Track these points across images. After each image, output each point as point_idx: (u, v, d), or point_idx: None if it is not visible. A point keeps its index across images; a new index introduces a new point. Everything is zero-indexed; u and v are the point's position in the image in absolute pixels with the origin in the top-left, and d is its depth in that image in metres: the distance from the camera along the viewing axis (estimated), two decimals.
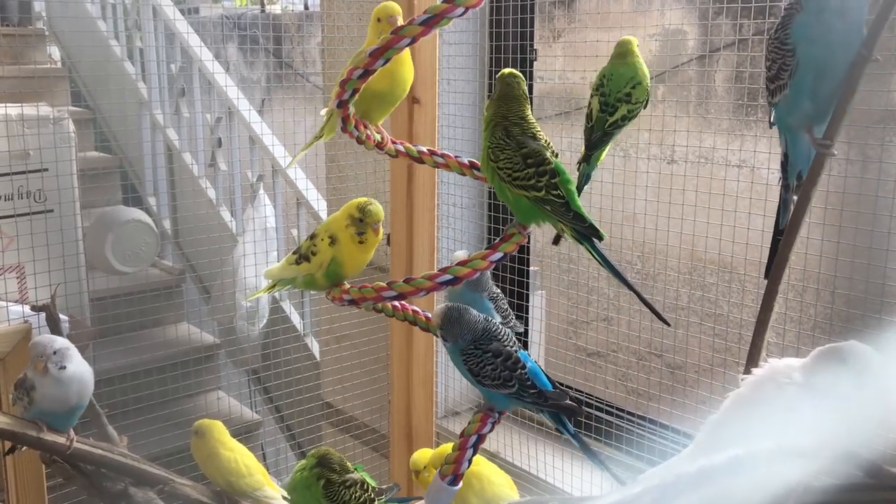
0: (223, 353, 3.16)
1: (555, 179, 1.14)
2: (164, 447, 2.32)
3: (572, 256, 2.10)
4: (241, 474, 1.60)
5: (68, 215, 2.42)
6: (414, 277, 1.21)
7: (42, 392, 1.41)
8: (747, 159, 2.00)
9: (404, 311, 1.34)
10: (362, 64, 1.12)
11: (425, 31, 1.10)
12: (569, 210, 1.14)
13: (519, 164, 1.15)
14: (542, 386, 1.21)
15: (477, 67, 2.28)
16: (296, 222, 2.99)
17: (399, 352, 1.97)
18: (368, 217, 1.25)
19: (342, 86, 1.16)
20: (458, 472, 1.25)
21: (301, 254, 1.31)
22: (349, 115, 1.23)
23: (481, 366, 1.21)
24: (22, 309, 1.97)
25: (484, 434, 1.25)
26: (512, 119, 1.17)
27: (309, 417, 2.60)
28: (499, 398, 1.23)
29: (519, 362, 1.20)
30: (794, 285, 1.68)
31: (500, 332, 1.23)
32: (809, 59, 1.09)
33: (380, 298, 1.23)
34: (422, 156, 1.33)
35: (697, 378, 1.81)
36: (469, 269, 1.19)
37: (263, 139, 3.02)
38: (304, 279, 1.31)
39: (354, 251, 1.27)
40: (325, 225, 1.31)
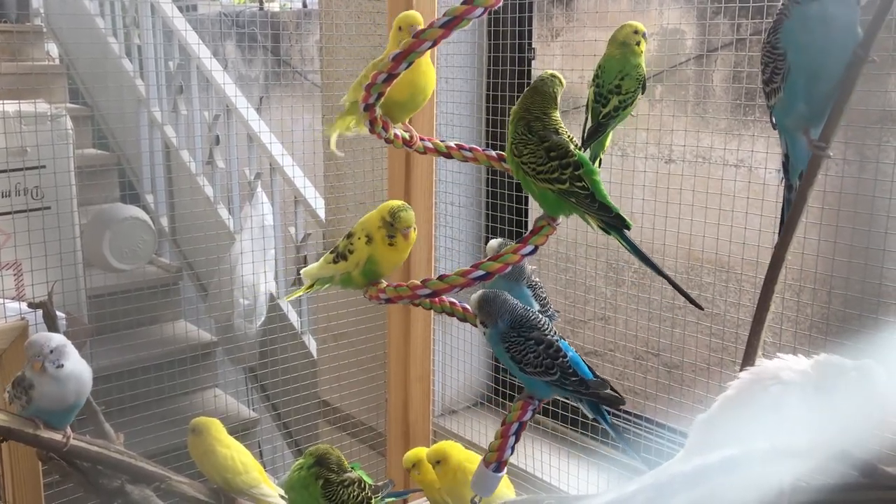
0: (220, 351, 3.16)
1: (578, 171, 1.15)
2: (160, 444, 2.32)
3: (569, 255, 2.10)
4: (238, 471, 1.60)
5: (66, 212, 2.42)
6: (447, 274, 1.23)
7: (40, 391, 1.41)
8: (745, 159, 2.00)
9: (441, 303, 1.36)
10: (386, 68, 1.15)
11: (446, 33, 1.12)
12: (594, 201, 1.15)
13: (542, 158, 1.17)
14: (584, 375, 1.22)
15: (475, 66, 2.28)
16: (293, 220, 2.99)
17: (396, 350, 1.97)
18: (398, 222, 1.27)
19: (367, 90, 1.18)
20: (502, 459, 1.27)
21: (338, 252, 1.32)
22: (376, 118, 1.25)
23: (524, 353, 1.22)
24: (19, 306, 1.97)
25: (525, 421, 1.27)
26: (534, 114, 1.19)
27: (306, 415, 2.60)
28: (540, 386, 1.24)
29: (560, 351, 1.22)
30: (790, 285, 1.68)
31: (539, 321, 1.24)
32: (800, 62, 1.09)
33: (415, 297, 1.25)
34: (450, 151, 1.35)
35: (694, 377, 1.82)
36: (501, 264, 1.21)
37: (261, 137, 3.02)
38: (342, 278, 1.33)
39: (388, 251, 1.29)
40: (361, 223, 1.33)
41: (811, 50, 1.08)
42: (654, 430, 1.95)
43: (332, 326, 2.52)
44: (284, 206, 3.10)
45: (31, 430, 1.42)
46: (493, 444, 1.28)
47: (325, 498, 1.40)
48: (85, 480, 1.49)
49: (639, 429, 1.98)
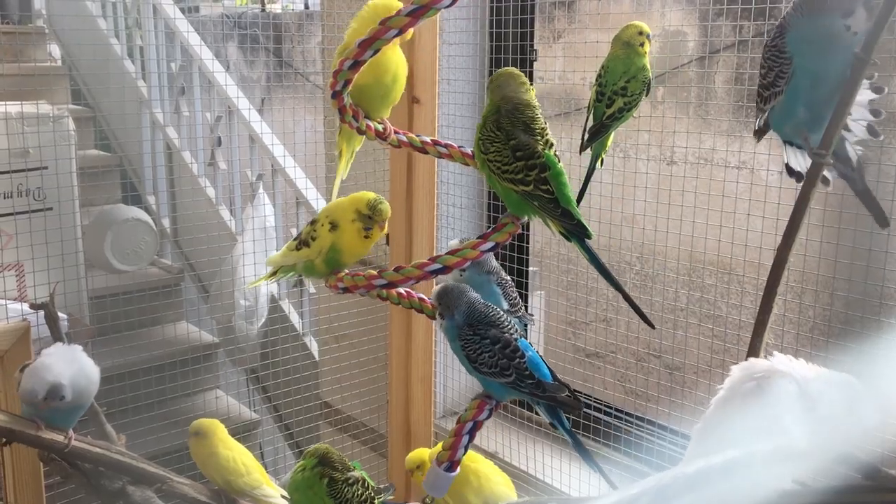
0: (222, 353, 3.16)
1: (545, 174, 1.11)
2: (162, 446, 2.32)
3: (571, 257, 2.10)
4: (240, 473, 1.60)
5: (67, 213, 2.42)
6: (404, 266, 1.21)
7: None
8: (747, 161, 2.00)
9: (409, 298, 1.33)
10: (352, 55, 1.12)
11: (412, 21, 1.10)
12: (557, 206, 1.12)
13: (508, 158, 1.13)
14: (542, 377, 1.18)
15: (477, 67, 2.28)
16: (295, 221, 2.99)
17: (398, 351, 1.97)
18: (377, 215, 1.26)
19: (334, 76, 1.15)
20: (455, 459, 1.23)
21: (301, 239, 1.31)
22: (345, 106, 1.22)
23: (478, 352, 1.18)
24: (21, 307, 1.97)
25: (480, 421, 1.23)
26: (503, 111, 1.15)
27: (307, 417, 2.60)
28: (495, 387, 1.21)
29: (518, 351, 1.18)
30: (792, 287, 1.68)
31: (499, 319, 1.21)
32: (806, 66, 1.09)
33: (370, 286, 1.22)
34: (425, 146, 1.31)
35: (696, 379, 1.82)
36: (458, 259, 1.18)
37: (263, 138, 3.02)
38: (304, 265, 1.31)
39: (355, 240, 1.27)
40: (325, 210, 1.31)
41: (817, 54, 1.08)
42: (655, 433, 1.95)
43: (334, 328, 2.52)
44: (286, 207, 3.10)
45: (32, 431, 1.42)
46: (445, 442, 1.24)
47: (330, 496, 1.40)
48: (86, 481, 1.49)
49: (640, 431, 1.98)
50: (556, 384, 1.19)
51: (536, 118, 1.14)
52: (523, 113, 1.14)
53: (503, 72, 1.18)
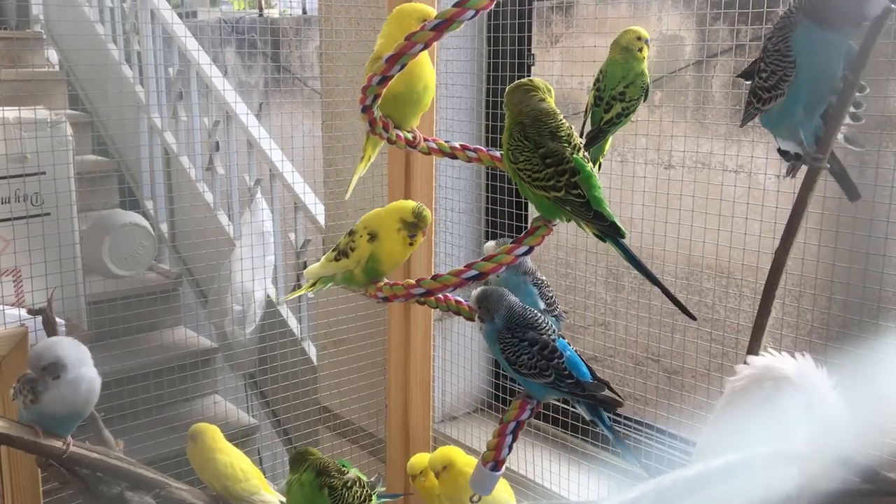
0: (220, 358, 3.16)
1: (574, 178, 1.13)
2: (160, 451, 2.31)
3: (569, 261, 2.10)
4: (238, 479, 1.60)
5: (65, 219, 2.42)
6: (441, 274, 1.24)
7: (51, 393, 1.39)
8: (745, 164, 2.00)
9: (447, 301, 1.36)
10: (380, 70, 1.16)
11: (437, 35, 1.13)
12: (589, 209, 1.13)
13: (538, 165, 1.14)
14: (581, 376, 1.20)
15: (475, 72, 2.28)
16: (293, 227, 2.99)
17: (396, 356, 1.96)
18: (423, 222, 1.29)
19: (364, 92, 1.19)
20: (499, 458, 1.26)
21: (340, 250, 1.33)
22: (375, 119, 1.25)
23: (518, 354, 1.20)
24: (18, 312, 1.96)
25: (523, 420, 1.26)
26: (528, 120, 1.16)
27: (306, 422, 2.59)
28: (536, 387, 1.23)
29: (556, 351, 1.20)
30: (790, 290, 1.68)
31: (537, 321, 1.23)
32: (809, 68, 1.10)
33: (409, 296, 1.26)
34: (454, 151, 1.35)
35: (695, 383, 1.82)
36: (494, 265, 1.20)
37: (261, 143, 3.02)
38: (343, 275, 1.33)
39: (396, 249, 1.29)
40: (363, 221, 1.33)
41: (822, 59, 1.09)
42: (654, 436, 1.95)
43: (332, 332, 2.52)
44: (284, 212, 3.10)
45: (31, 438, 1.41)
46: (490, 442, 1.28)
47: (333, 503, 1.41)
48: (84, 487, 1.49)
49: (639, 434, 1.98)
50: (595, 383, 1.21)
51: (561, 124, 1.16)
52: (545, 122, 1.16)
53: (513, 88, 1.19)
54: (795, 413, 0.84)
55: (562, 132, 1.15)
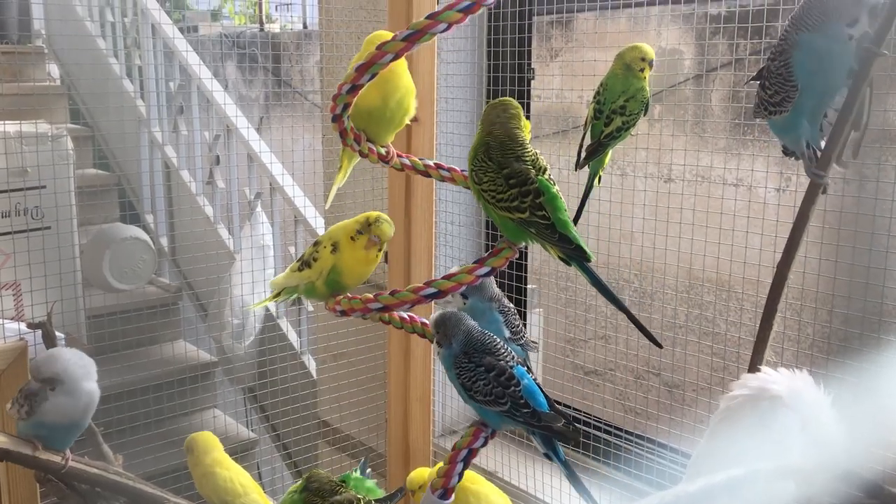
0: (220, 371, 3.15)
1: (539, 199, 1.11)
2: (159, 466, 2.31)
3: (570, 275, 2.10)
4: (237, 493, 1.59)
5: (66, 232, 2.42)
6: (399, 290, 1.21)
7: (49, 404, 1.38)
8: (744, 178, 2.01)
9: (412, 323, 1.34)
10: (349, 79, 1.14)
11: (408, 46, 1.11)
12: (554, 231, 1.11)
13: (502, 186, 1.12)
14: (537, 406, 1.17)
15: (475, 86, 2.29)
16: (293, 240, 2.99)
17: (396, 370, 1.96)
18: (375, 226, 1.25)
19: (333, 100, 1.17)
20: (448, 486, 1.23)
21: (303, 260, 1.31)
22: (345, 129, 1.23)
23: (473, 380, 1.18)
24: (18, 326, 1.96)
25: (475, 448, 1.23)
26: (494, 142, 1.15)
27: (305, 436, 2.58)
28: (490, 415, 1.20)
29: (513, 379, 1.16)
30: (791, 304, 1.68)
31: (496, 347, 1.20)
32: (812, 87, 1.11)
33: (366, 310, 1.22)
34: (428, 169, 1.32)
35: (696, 397, 1.81)
36: (454, 283, 1.17)
37: (261, 157, 3.03)
38: (306, 287, 1.31)
39: (354, 261, 1.27)
40: (329, 232, 1.31)
41: (825, 71, 1.09)
42: (655, 451, 1.94)
43: (332, 346, 2.52)
44: (284, 225, 3.10)
45: (30, 452, 1.40)
46: (440, 469, 1.24)
47: None
48: (83, 502, 1.48)
49: (640, 449, 1.97)
50: (551, 414, 1.17)
51: (526, 151, 1.14)
52: (511, 147, 1.14)
53: (496, 104, 1.18)
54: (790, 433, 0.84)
55: (527, 157, 1.13)
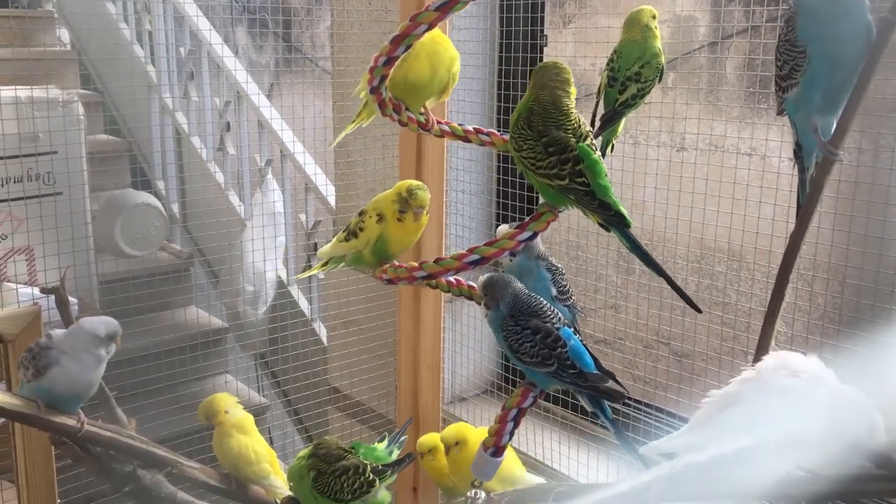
0: (231, 338, 3.18)
1: (579, 166, 1.12)
2: (171, 430, 2.33)
3: (580, 244, 2.09)
4: (249, 461, 1.60)
5: (77, 198, 2.43)
6: (443, 258, 1.23)
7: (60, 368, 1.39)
8: (758, 147, 1.99)
9: (459, 286, 1.36)
10: (385, 51, 1.15)
11: (441, 16, 1.12)
12: (594, 198, 1.12)
13: (541, 154, 1.13)
14: (584, 367, 1.19)
15: (487, 53, 2.27)
16: (304, 207, 2.99)
17: (406, 337, 1.97)
18: (413, 199, 1.27)
19: (371, 72, 1.18)
20: (500, 444, 1.27)
21: (350, 230, 1.32)
22: (384, 101, 1.24)
23: (520, 342, 1.19)
24: (32, 291, 1.98)
25: (524, 408, 1.26)
26: (538, 107, 1.15)
27: (316, 402, 2.61)
28: (538, 376, 1.22)
29: (559, 340, 1.18)
30: (803, 274, 1.67)
31: (542, 308, 1.21)
32: (821, 55, 1.08)
33: (412, 279, 1.26)
34: (468, 135, 1.33)
35: (705, 367, 1.81)
36: (496, 249, 1.19)
37: (272, 124, 3.02)
38: (353, 256, 1.33)
39: (399, 230, 1.29)
40: (374, 202, 1.33)
41: (830, 38, 1.07)
42: (663, 419, 1.95)
43: (343, 313, 2.53)
44: (295, 192, 3.10)
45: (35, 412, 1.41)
46: (491, 428, 1.28)
47: (315, 490, 1.40)
48: (97, 465, 1.50)
49: (648, 418, 1.98)
50: (598, 374, 1.19)
51: (569, 119, 1.14)
52: (553, 114, 1.14)
53: (545, 66, 1.18)
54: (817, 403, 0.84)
55: (568, 125, 1.14)
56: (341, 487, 1.38)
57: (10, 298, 1.98)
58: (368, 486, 1.40)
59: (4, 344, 1.74)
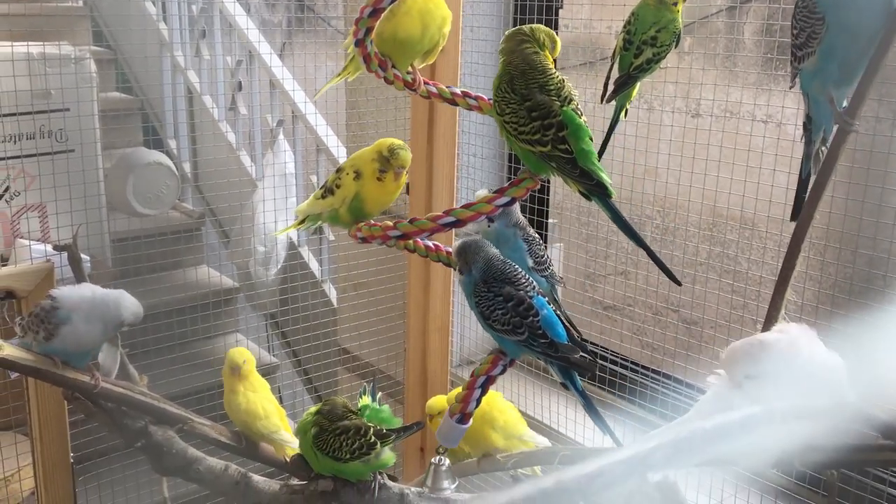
0: (242, 297, 3.19)
1: (562, 133, 1.09)
2: (183, 387, 2.36)
3: (591, 210, 2.08)
4: (258, 416, 1.62)
5: (90, 156, 2.43)
6: (418, 218, 1.21)
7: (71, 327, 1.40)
8: (774, 115, 1.97)
9: (437, 251, 1.35)
10: (371, 2, 1.13)
11: None
12: (575, 167, 1.09)
13: (524, 118, 1.10)
14: (555, 337, 1.17)
15: (501, 15, 2.24)
16: (315, 168, 2.98)
17: (416, 300, 1.98)
18: (394, 159, 1.25)
19: (356, 24, 1.16)
20: (466, 411, 1.25)
21: (326, 187, 1.31)
22: (369, 55, 1.22)
23: (491, 309, 1.18)
24: (44, 248, 1.99)
25: (493, 376, 1.25)
26: (515, 71, 1.13)
27: (325, 362, 2.63)
28: (508, 344, 1.21)
29: (532, 309, 1.16)
30: (814, 243, 1.66)
31: (516, 276, 1.19)
32: (840, 23, 1.06)
33: (386, 237, 1.24)
34: (455, 97, 1.31)
35: (714, 334, 1.81)
36: (472, 213, 1.17)
37: (284, 83, 3.00)
38: (329, 214, 1.32)
39: (376, 189, 1.27)
40: (351, 159, 1.31)
41: (849, 5, 1.05)
42: (671, 386, 1.96)
43: (353, 276, 2.54)
44: (306, 154, 3.09)
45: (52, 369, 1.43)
46: (458, 395, 1.26)
47: (315, 446, 1.41)
48: (109, 420, 1.52)
49: (656, 384, 1.99)
50: (569, 345, 1.17)
51: (550, 79, 1.11)
52: (533, 76, 1.12)
53: (509, 34, 1.16)
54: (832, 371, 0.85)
55: (551, 86, 1.11)
56: (340, 446, 1.38)
57: (23, 255, 1.99)
58: (369, 448, 1.39)
59: (18, 300, 1.76)
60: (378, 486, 1.43)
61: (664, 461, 0.52)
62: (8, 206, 2.35)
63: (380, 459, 1.42)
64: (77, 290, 1.46)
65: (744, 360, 0.94)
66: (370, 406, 1.54)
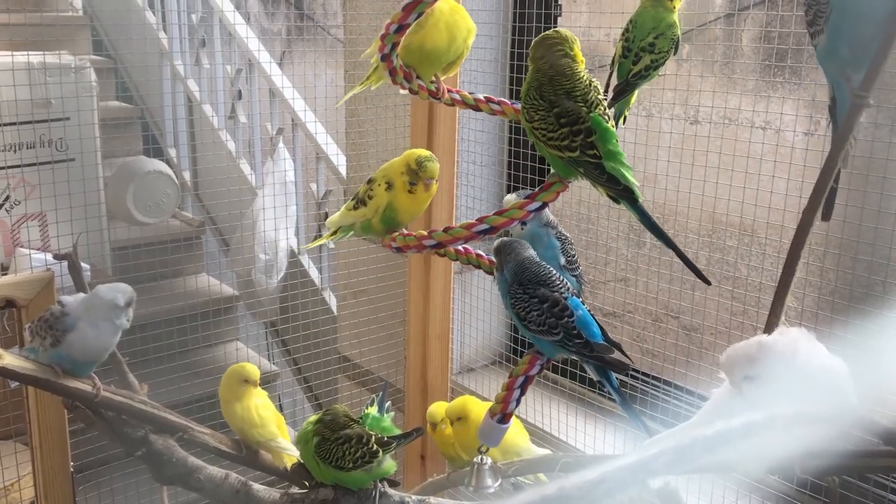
0: (242, 305, 3.19)
1: (591, 138, 1.11)
2: (183, 396, 2.36)
3: (591, 216, 2.09)
4: (254, 423, 1.61)
5: (90, 164, 2.43)
6: (452, 227, 1.24)
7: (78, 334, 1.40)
8: (772, 121, 1.97)
9: (468, 255, 1.36)
10: (396, 19, 1.15)
11: None
12: (603, 172, 1.12)
13: (552, 125, 1.13)
14: (591, 336, 1.19)
15: (500, 23, 2.25)
16: (315, 176, 2.99)
17: (416, 307, 1.98)
18: (423, 171, 1.27)
19: (382, 39, 1.18)
20: (507, 411, 1.28)
21: (359, 198, 1.32)
22: (395, 68, 1.24)
23: (527, 310, 1.20)
24: (45, 257, 1.99)
25: (531, 375, 1.27)
26: (544, 78, 1.15)
27: (326, 370, 2.63)
28: (544, 345, 1.23)
29: (567, 310, 1.19)
30: (814, 249, 1.66)
31: (550, 277, 1.22)
32: (841, 4, 1.06)
33: (421, 247, 1.26)
34: (478, 103, 1.33)
35: (714, 341, 1.81)
36: (505, 219, 1.20)
37: (283, 92, 3.01)
38: (362, 224, 1.33)
39: (407, 199, 1.29)
40: (382, 170, 1.32)
41: None
42: (671, 393, 1.96)
43: (353, 283, 2.54)
44: (306, 162, 3.09)
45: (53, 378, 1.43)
46: (498, 395, 1.29)
47: (318, 455, 1.41)
48: (109, 429, 1.52)
49: (657, 391, 1.99)
50: (604, 344, 1.19)
51: (577, 85, 1.14)
52: (561, 82, 1.14)
53: (538, 41, 1.18)
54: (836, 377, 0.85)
55: (577, 92, 1.13)
56: (342, 455, 1.39)
57: (23, 264, 2.00)
58: (371, 456, 1.39)
59: (18, 309, 1.76)
60: (379, 494, 1.43)
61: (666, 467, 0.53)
62: (8, 216, 2.35)
63: (381, 467, 1.42)
64: (85, 298, 1.46)
65: (742, 361, 0.94)
66: (371, 414, 1.54)
